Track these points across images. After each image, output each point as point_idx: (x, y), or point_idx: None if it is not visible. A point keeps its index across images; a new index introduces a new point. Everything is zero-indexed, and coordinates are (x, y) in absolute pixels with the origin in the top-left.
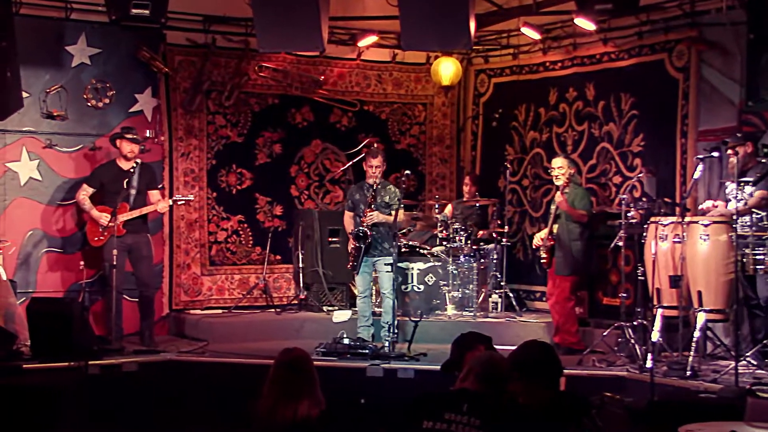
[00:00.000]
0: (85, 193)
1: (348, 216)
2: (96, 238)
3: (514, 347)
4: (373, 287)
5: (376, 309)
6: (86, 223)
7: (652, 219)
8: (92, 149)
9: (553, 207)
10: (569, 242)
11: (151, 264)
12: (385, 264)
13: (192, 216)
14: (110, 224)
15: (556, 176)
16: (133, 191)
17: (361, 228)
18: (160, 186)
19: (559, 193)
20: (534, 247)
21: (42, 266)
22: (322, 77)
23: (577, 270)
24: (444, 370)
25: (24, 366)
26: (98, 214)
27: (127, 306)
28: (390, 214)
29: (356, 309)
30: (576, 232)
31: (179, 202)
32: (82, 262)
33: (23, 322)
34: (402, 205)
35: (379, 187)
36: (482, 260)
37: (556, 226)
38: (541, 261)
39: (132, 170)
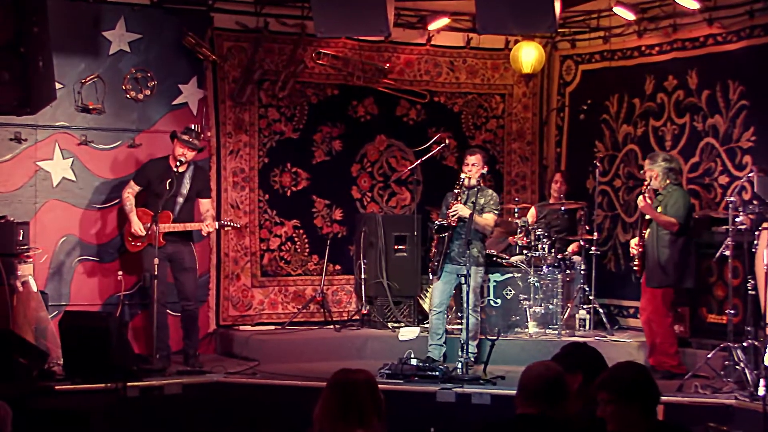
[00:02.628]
0: (130, 191)
1: None
2: (132, 243)
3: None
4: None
5: (448, 326)
6: (125, 224)
7: (765, 225)
8: (131, 146)
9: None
10: (657, 249)
11: (195, 276)
12: (476, 275)
13: (242, 221)
14: (148, 233)
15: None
16: (180, 199)
17: (438, 222)
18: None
19: (641, 197)
20: (631, 255)
21: (76, 276)
22: (388, 65)
23: (668, 282)
24: None
25: (56, 387)
26: (136, 221)
27: (172, 321)
28: (482, 217)
29: (425, 325)
30: (666, 238)
31: (226, 227)
32: (120, 272)
33: (55, 338)
34: (496, 211)
35: (476, 189)
36: (568, 271)
37: (647, 231)
38: (634, 269)
39: (181, 173)
